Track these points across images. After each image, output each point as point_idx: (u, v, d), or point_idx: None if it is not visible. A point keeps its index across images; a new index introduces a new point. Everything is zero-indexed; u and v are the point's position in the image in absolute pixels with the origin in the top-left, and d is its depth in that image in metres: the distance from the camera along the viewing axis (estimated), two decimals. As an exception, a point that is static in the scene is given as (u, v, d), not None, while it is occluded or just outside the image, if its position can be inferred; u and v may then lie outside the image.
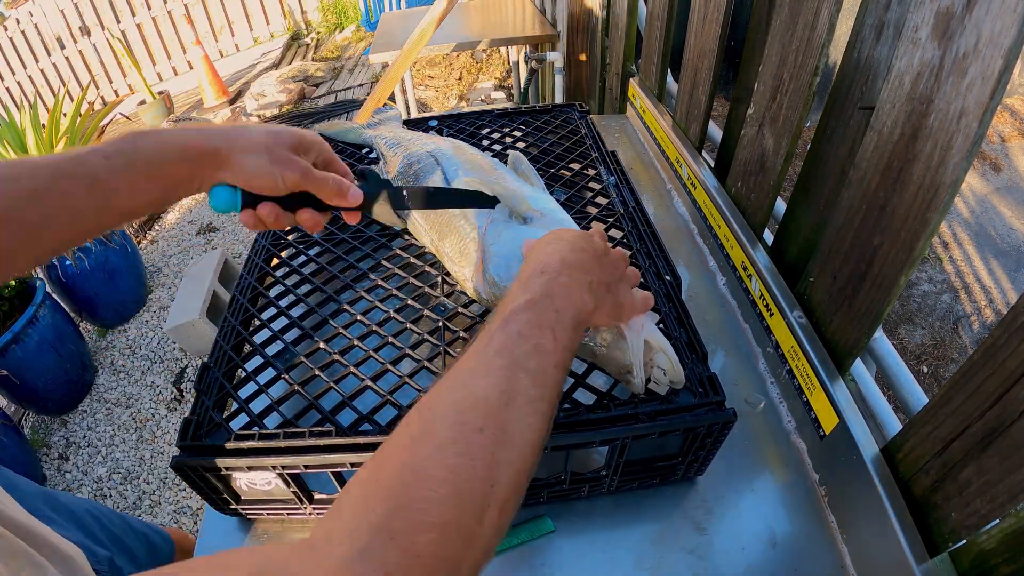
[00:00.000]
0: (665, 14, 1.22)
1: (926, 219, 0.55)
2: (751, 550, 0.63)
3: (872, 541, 0.60)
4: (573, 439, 0.56)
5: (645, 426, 0.56)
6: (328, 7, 6.03)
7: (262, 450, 0.56)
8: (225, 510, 0.66)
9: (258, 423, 0.60)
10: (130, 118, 4.33)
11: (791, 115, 0.80)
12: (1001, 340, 0.47)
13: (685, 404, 0.58)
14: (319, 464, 0.56)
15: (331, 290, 0.76)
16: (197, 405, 0.61)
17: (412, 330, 0.69)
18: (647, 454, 0.65)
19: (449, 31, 2.38)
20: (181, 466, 0.57)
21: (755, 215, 0.93)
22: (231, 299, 0.75)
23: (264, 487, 0.62)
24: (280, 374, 0.64)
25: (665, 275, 0.72)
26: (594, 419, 0.57)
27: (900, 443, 0.60)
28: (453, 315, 0.71)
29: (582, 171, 0.95)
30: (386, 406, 0.60)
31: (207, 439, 0.58)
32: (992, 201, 2.75)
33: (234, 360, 0.67)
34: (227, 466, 0.57)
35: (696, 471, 0.67)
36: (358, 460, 0.56)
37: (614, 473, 0.63)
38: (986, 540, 0.50)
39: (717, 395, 0.58)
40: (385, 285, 0.76)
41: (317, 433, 0.57)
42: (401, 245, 0.83)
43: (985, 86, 0.47)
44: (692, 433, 0.59)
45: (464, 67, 4.63)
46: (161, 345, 2.50)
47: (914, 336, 2.17)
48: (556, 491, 0.65)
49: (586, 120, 1.08)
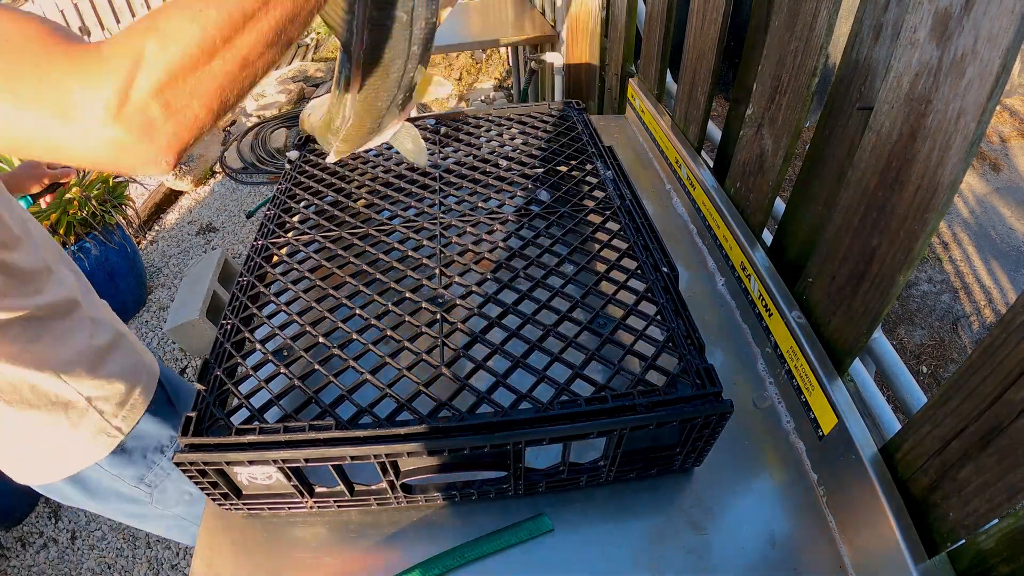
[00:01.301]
0: (664, 14, 1.22)
1: (925, 219, 0.55)
2: (750, 550, 0.63)
3: (870, 541, 0.60)
4: (571, 430, 0.57)
5: (643, 417, 0.56)
6: (328, 7, 6.03)
7: (263, 444, 0.57)
8: (228, 506, 0.66)
9: (259, 417, 0.60)
10: (130, 118, 4.34)
11: (790, 115, 0.80)
12: (1000, 340, 0.47)
13: (683, 395, 0.58)
14: (320, 457, 0.57)
15: (330, 285, 0.76)
16: (198, 401, 0.61)
17: (410, 322, 0.69)
18: (644, 445, 0.66)
19: (449, 31, 2.38)
20: (184, 461, 0.57)
21: (754, 215, 0.93)
22: (231, 296, 0.75)
23: (265, 481, 0.63)
24: (280, 369, 0.65)
25: (662, 267, 0.72)
26: (592, 411, 0.57)
27: (899, 443, 0.60)
28: (451, 307, 0.71)
29: (579, 166, 0.96)
30: (386, 399, 0.61)
31: (209, 434, 0.58)
32: (992, 201, 2.75)
33: (234, 356, 0.67)
34: (229, 460, 0.57)
35: (694, 462, 0.68)
36: (358, 453, 0.56)
37: (612, 464, 0.64)
38: (985, 540, 0.50)
39: (714, 386, 0.58)
40: (383, 278, 0.76)
41: (317, 427, 0.57)
42: (399, 238, 0.84)
43: (983, 86, 0.47)
44: (690, 424, 0.59)
45: (464, 67, 4.63)
46: (161, 345, 2.50)
47: (913, 336, 2.17)
48: (554, 481, 0.66)
49: (583, 116, 1.09)
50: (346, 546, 0.66)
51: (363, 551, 0.66)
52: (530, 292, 0.73)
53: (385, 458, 0.58)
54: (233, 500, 0.65)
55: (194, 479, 0.60)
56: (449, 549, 0.64)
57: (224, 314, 0.72)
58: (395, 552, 0.65)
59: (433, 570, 0.62)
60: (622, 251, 0.77)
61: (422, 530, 0.67)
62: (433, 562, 0.63)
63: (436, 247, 0.81)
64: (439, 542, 0.65)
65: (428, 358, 0.64)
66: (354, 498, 0.66)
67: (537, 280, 0.74)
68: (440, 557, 0.63)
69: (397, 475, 0.63)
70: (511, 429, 0.56)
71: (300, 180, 0.99)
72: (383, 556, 0.65)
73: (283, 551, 0.66)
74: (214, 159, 3.74)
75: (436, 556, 0.63)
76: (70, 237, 2.27)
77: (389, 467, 0.60)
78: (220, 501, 0.65)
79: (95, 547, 1.78)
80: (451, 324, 0.69)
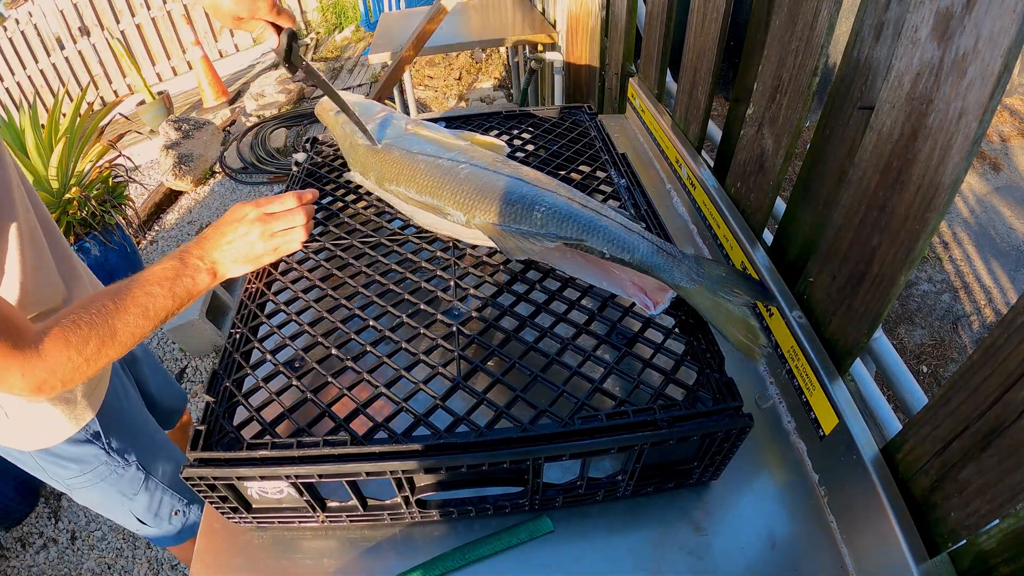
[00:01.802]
0: (664, 14, 1.22)
1: (925, 219, 0.55)
2: (751, 550, 0.63)
3: (871, 541, 0.60)
4: (591, 445, 0.55)
5: (663, 432, 0.56)
6: (327, 7, 6.03)
7: (276, 459, 0.55)
8: (236, 519, 0.65)
9: (271, 431, 0.59)
10: (129, 118, 4.33)
11: (790, 115, 0.80)
12: (1001, 340, 0.47)
13: (703, 410, 0.57)
14: (334, 473, 0.55)
15: (342, 295, 0.75)
16: (207, 414, 0.60)
17: (426, 335, 0.68)
18: (663, 459, 0.65)
19: (449, 31, 2.38)
20: (193, 476, 0.56)
21: (754, 215, 0.93)
22: (239, 303, 0.74)
23: (276, 495, 0.61)
24: (292, 381, 0.63)
25: None
26: (612, 426, 0.56)
27: (900, 443, 0.60)
28: (467, 319, 0.70)
29: (592, 174, 0.93)
30: (401, 413, 0.59)
31: (218, 448, 0.57)
32: (992, 201, 2.75)
33: (243, 367, 0.65)
34: (240, 475, 0.56)
35: (711, 475, 0.67)
36: (375, 469, 0.55)
37: (630, 478, 0.63)
38: (986, 540, 0.50)
39: (734, 400, 0.58)
40: (396, 289, 0.75)
41: (332, 442, 0.56)
42: (412, 249, 0.82)
43: (984, 86, 0.47)
44: (709, 438, 0.59)
45: (463, 67, 4.63)
46: (161, 346, 2.49)
47: (914, 336, 2.17)
48: (571, 496, 0.65)
49: (596, 122, 1.07)
50: (349, 550, 0.66)
51: (364, 552, 0.66)
52: (547, 304, 0.71)
53: (402, 474, 0.57)
54: (242, 514, 0.63)
55: (203, 493, 0.59)
56: (450, 550, 0.64)
57: (232, 322, 0.71)
58: (395, 552, 0.65)
59: (434, 571, 0.62)
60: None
61: (424, 529, 0.67)
62: (434, 563, 0.63)
63: (451, 258, 0.80)
64: (440, 543, 0.65)
65: (444, 371, 0.63)
66: (367, 513, 0.64)
67: (553, 292, 0.73)
68: (441, 558, 0.63)
69: (412, 490, 0.62)
70: (531, 444, 0.55)
71: (308, 183, 0.98)
72: (382, 556, 0.65)
73: (284, 554, 0.66)
74: (214, 159, 3.74)
75: (437, 557, 0.63)
76: (70, 237, 2.27)
77: (405, 483, 0.59)
78: (229, 515, 0.64)
79: (95, 547, 1.78)
80: (467, 337, 0.68)
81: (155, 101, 4.49)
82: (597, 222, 0.70)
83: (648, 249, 0.68)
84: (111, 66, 5.49)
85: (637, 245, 0.68)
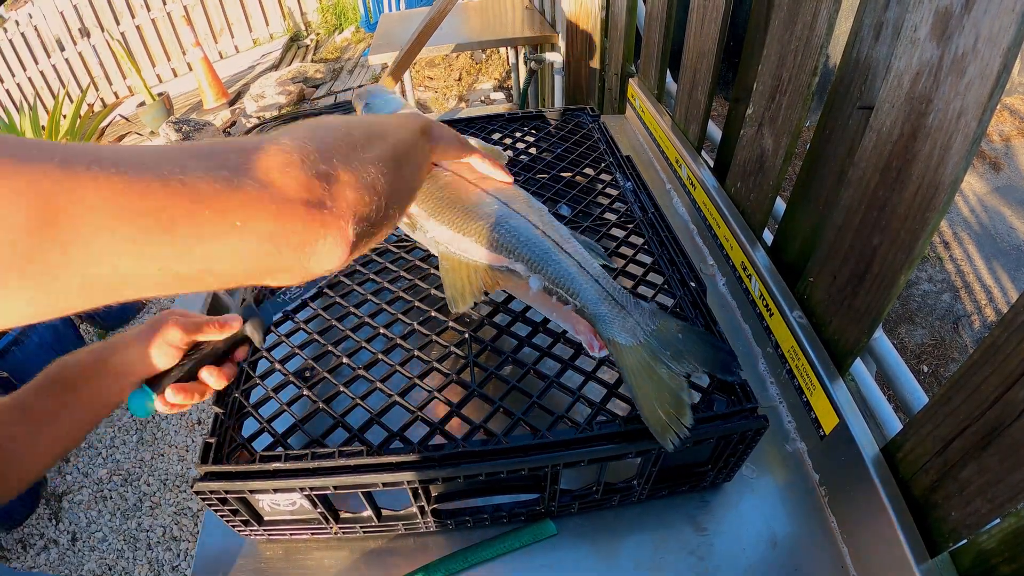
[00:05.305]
0: (664, 14, 1.22)
1: (925, 219, 0.55)
2: (751, 550, 0.63)
3: (872, 541, 0.60)
4: (610, 451, 0.55)
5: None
6: (327, 8, 6.03)
7: (289, 472, 0.54)
8: (247, 532, 0.64)
9: (283, 443, 0.58)
10: (130, 120, 4.34)
11: (790, 115, 0.80)
12: (1001, 339, 0.47)
13: (719, 412, 0.57)
14: (351, 485, 0.54)
15: (350, 303, 0.74)
16: (217, 426, 0.59)
17: (438, 343, 0.67)
18: (678, 462, 0.64)
19: (449, 31, 2.38)
20: (204, 489, 0.54)
21: (754, 215, 0.93)
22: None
23: (288, 507, 0.60)
24: (303, 391, 0.62)
25: (690, 281, 0.70)
26: (631, 431, 0.56)
27: (900, 443, 0.60)
28: (479, 326, 0.69)
29: (597, 177, 0.92)
30: (417, 422, 0.58)
31: (229, 460, 0.56)
32: (992, 200, 2.75)
33: (252, 376, 0.64)
34: (252, 488, 0.55)
35: (725, 477, 0.67)
36: (391, 479, 0.54)
37: (646, 482, 0.62)
38: (986, 540, 0.50)
39: (750, 402, 0.57)
40: (406, 296, 0.73)
41: (347, 453, 0.55)
42: (421, 256, 0.81)
43: (984, 85, 0.47)
44: (725, 440, 0.58)
45: (463, 68, 4.63)
46: (161, 346, 2.50)
47: (914, 335, 2.17)
48: (587, 502, 0.64)
49: (599, 124, 1.06)
50: (358, 558, 0.66)
51: (374, 560, 0.66)
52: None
53: (419, 484, 0.56)
54: (253, 527, 0.62)
55: (213, 507, 0.58)
56: (452, 552, 0.64)
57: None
58: (396, 552, 0.65)
59: (436, 573, 0.62)
60: (648, 266, 0.74)
61: (433, 535, 0.67)
62: (437, 565, 0.63)
63: None
64: (448, 550, 0.65)
65: (458, 379, 0.62)
66: (382, 523, 0.63)
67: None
68: (444, 560, 0.63)
69: (428, 500, 0.61)
70: (549, 451, 0.55)
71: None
72: (393, 563, 0.65)
73: (285, 554, 0.66)
74: (214, 160, 3.73)
75: (440, 560, 0.63)
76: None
77: (422, 492, 0.58)
78: (240, 528, 0.63)
79: (96, 548, 1.78)
80: (480, 343, 0.67)
81: (155, 102, 4.50)
82: (552, 254, 0.60)
83: (594, 295, 0.58)
84: (111, 68, 5.50)
85: (583, 288, 0.58)
